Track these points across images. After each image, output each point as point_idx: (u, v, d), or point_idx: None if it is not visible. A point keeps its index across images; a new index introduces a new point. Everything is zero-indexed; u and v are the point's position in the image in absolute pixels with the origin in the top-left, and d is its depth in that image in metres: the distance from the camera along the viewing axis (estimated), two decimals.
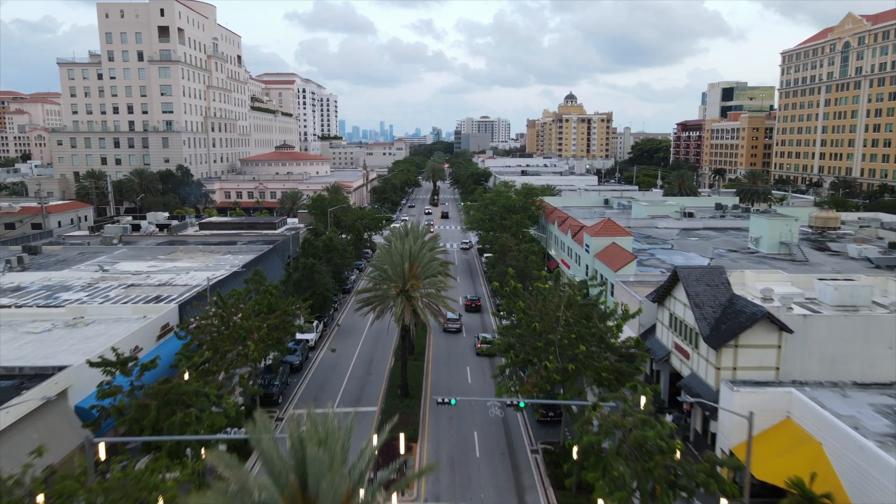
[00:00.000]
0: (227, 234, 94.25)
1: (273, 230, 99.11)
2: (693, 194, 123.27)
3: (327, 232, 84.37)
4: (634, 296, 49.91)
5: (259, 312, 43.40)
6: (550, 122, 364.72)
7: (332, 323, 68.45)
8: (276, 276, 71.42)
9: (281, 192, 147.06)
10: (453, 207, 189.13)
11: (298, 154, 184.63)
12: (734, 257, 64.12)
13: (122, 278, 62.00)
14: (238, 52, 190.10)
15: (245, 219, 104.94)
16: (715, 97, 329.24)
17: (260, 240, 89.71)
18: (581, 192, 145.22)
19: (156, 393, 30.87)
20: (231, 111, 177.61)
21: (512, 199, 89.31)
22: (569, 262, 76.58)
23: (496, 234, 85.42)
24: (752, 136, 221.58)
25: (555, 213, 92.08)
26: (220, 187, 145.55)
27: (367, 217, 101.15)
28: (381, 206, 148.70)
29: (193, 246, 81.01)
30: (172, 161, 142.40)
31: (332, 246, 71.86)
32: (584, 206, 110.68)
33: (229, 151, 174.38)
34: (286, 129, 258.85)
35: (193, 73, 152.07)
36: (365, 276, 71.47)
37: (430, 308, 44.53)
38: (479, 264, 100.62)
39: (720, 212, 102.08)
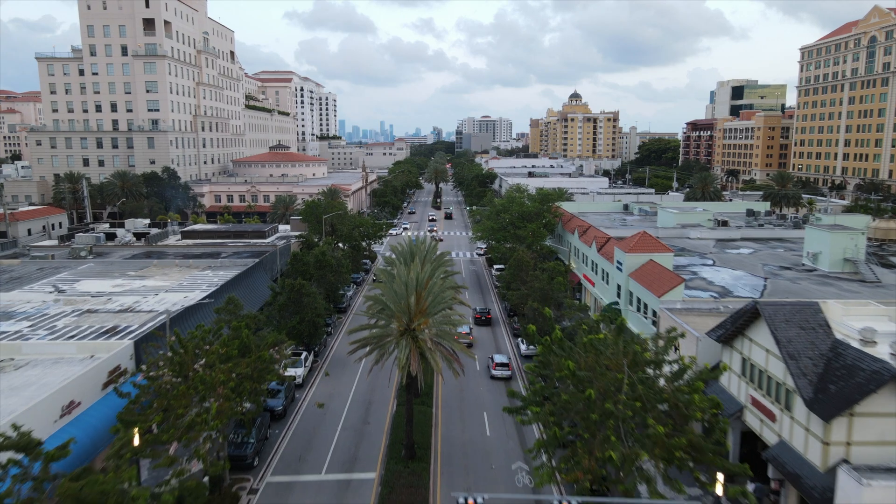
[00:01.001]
0: (210, 245, 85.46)
1: (262, 239, 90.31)
2: (717, 198, 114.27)
3: (320, 243, 75.45)
4: (689, 329, 41.00)
5: (228, 358, 34.50)
6: (555, 121, 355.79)
7: (325, 350, 59.51)
8: (262, 297, 62.55)
9: (274, 195, 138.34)
10: (457, 209, 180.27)
11: (294, 155, 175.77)
12: (791, 276, 55.17)
13: (78, 302, 53.12)
14: (231, 48, 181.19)
15: (232, 226, 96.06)
16: (724, 96, 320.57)
17: (247, 251, 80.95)
18: (594, 195, 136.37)
19: (64, 495, 21.95)
20: (223, 109, 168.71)
21: (526, 207, 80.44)
22: (593, 278, 67.65)
23: (510, 245, 76.52)
24: (767, 135, 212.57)
25: (573, 222, 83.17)
26: (209, 190, 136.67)
27: (365, 225, 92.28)
28: (380, 210, 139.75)
29: (170, 260, 72.06)
30: (159, 162, 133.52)
31: (325, 262, 62.93)
32: (602, 212, 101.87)
33: (221, 152, 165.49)
34: (283, 128, 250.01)
35: (182, 68, 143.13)
36: (361, 311, 62.54)
37: (441, 350, 35.56)
38: (489, 276, 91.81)
39: (752, 219, 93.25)
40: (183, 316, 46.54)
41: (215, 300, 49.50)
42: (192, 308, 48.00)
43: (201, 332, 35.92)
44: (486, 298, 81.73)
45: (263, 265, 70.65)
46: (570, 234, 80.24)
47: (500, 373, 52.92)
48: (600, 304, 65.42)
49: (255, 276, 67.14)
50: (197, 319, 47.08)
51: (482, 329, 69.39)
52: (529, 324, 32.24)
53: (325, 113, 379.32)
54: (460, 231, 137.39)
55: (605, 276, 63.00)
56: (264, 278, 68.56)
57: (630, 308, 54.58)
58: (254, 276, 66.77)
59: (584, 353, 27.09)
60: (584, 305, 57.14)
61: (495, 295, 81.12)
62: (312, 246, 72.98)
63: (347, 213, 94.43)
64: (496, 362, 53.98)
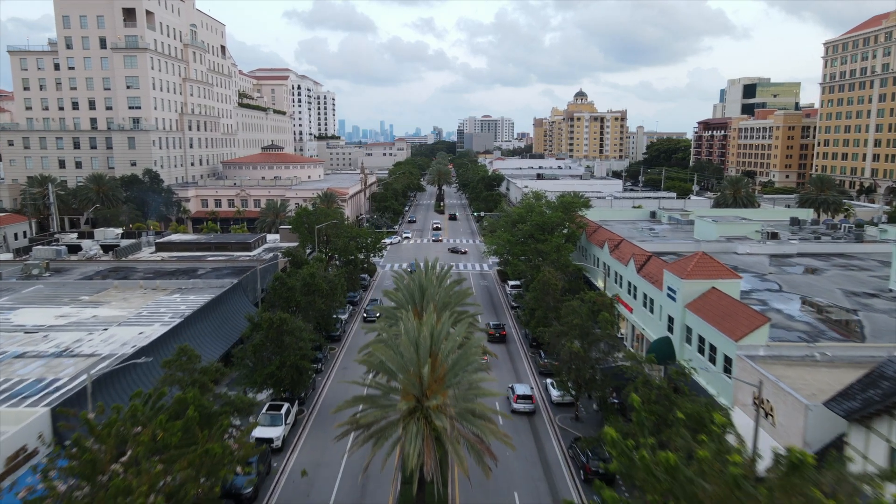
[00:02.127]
0: (187, 259, 75.36)
1: (247, 252, 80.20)
2: (750, 204, 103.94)
3: (311, 259, 65.18)
4: (790, 393, 30.78)
5: (166, 446, 24.32)
6: (560, 120, 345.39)
7: (314, 394, 49.21)
8: (239, 328, 52.29)
9: (266, 199, 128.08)
10: (461, 213, 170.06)
11: (288, 156, 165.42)
12: (886, 308, 44.87)
13: (6, 340, 42.89)
14: (222, 42, 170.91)
15: (214, 237, 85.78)
16: (735, 94, 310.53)
17: (228, 267, 70.85)
18: (612, 200, 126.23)
19: None
20: (213, 107, 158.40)
21: (548, 217, 70.17)
22: (631, 303, 57.39)
23: (531, 261, 66.23)
24: (786, 135, 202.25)
25: (600, 234, 72.94)
26: (195, 194, 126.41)
27: (363, 236, 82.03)
28: (380, 215, 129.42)
29: (135, 280, 61.71)
30: (140, 164, 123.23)
31: (315, 286, 52.66)
32: (627, 220, 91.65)
33: (211, 153, 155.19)
34: (279, 127, 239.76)
35: (166, 63, 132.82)
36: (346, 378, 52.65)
37: (466, 437, 25.29)
38: (503, 292, 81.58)
39: (797, 228, 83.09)
40: (115, 378, 36.20)
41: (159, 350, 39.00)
42: (140, 353, 37.54)
43: (132, 408, 25.71)
44: (499, 315, 71.66)
45: (243, 287, 60.39)
46: (598, 248, 69.98)
47: (522, 406, 46.00)
48: (639, 334, 55.25)
49: (232, 300, 56.92)
50: (137, 379, 36.77)
51: (496, 347, 60.88)
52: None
53: (323, 112, 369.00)
54: (467, 238, 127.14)
55: (648, 302, 52.73)
56: (243, 303, 58.29)
57: (687, 346, 44.35)
58: (231, 302, 56.55)
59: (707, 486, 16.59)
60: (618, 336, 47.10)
61: (511, 317, 70.92)
62: (301, 263, 62.69)
63: (344, 222, 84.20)
64: (518, 394, 46.74)
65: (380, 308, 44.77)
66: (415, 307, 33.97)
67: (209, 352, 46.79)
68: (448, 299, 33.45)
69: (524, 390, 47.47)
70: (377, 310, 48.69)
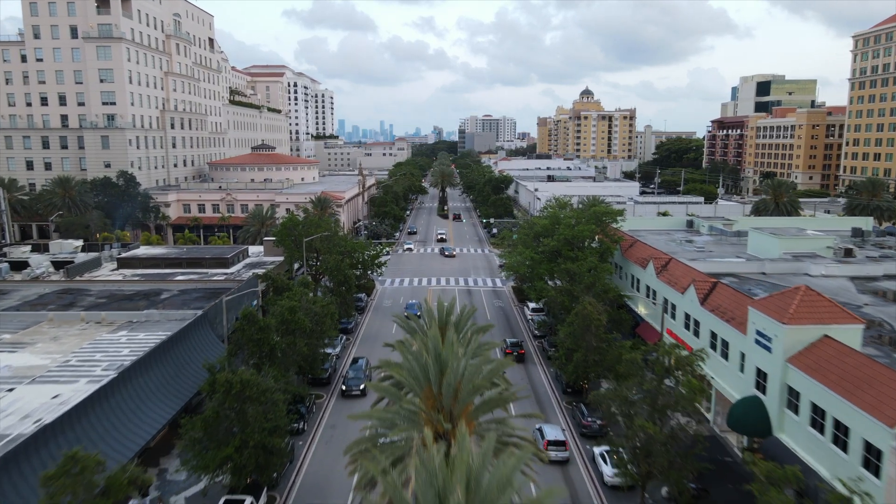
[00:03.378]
0: (152, 277, 64.08)
1: (224, 269, 68.97)
2: (795, 211, 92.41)
3: (295, 283, 53.81)
4: None
5: None
6: (566, 119, 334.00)
7: (290, 472, 37.77)
8: (197, 380, 40.87)
9: (254, 204, 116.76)
10: (466, 217, 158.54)
11: (280, 156, 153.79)
12: None
13: None
14: (210, 35, 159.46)
15: (186, 251, 74.39)
16: (748, 92, 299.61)
17: (199, 289, 59.65)
18: (633, 205, 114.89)
19: None
20: (199, 104, 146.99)
21: (578, 231, 58.71)
22: (690, 340, 46.03)
23: (559, 284, 54.82)
24: (810, 134, 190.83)
25: (638, 249, 61.60)
26: (176, 199, 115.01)
27: (360, 249, 70.71)
28: (379, 221, 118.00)
29: (76, 312, 50.27)
30: (115, 165, 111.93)
31: (296, 324, 41.31)
32: (660, 230, 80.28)
33: (197, 153, 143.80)
34: (274, 126, 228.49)
35: (145, 55, 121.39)
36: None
37: None
38: (521, 316, 70.23)
39: (860, 240, 71.82)
40: None
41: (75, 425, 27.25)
42: None
43: None
44: (516, 335, 60.57)
45: (209, 320, 48.96)
46: (637, 268, 58.58)
47: (555, 454, 38.93)
48: (708, 381, 43.86)
49: (193, 339, 45.53)
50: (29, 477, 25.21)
51: (514, 368, 53.84)
52: None
53: (321, 111, 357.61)
54: (474, 247, 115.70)
55: (719, 345, 41.32)
56: (208, 342, 46.86)
57: (790, 414, 32.98)
58: (191, 341, 45.16)
59: None
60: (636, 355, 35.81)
61: (536, 349, 59.57)
62: (282, 289, 51.29)
63: (337, 233, 72.79)
64: (549, 440, 39.38)
65: (378, 387, 28.30)
66: (429, 393, 22.67)
67: (151, 417, 35.46)
68: (481, 384, 22.12)
69: (555, 434, 39.92)
70: (373, 387, 29.68)
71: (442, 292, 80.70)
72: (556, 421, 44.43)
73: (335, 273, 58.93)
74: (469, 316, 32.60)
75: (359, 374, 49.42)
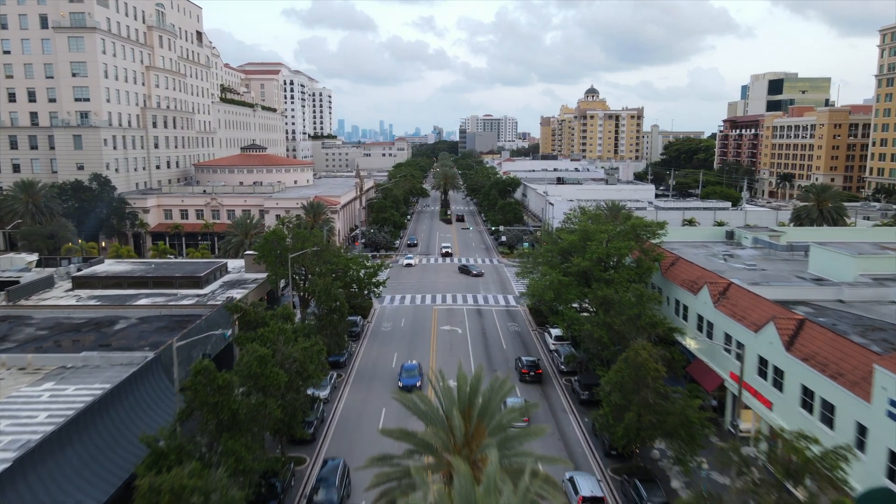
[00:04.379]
0: (111, 300, 54.68)
1: (198, 289, 59.44)
2: (841, 219, 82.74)
3: (277, 313, 44.17)
4: None
5: None
6: (571, 119, 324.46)
7: None
8: (137, 455, 31.23)
9: (242, 209, 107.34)
10: (469, 218, 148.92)
11: (271, 157, 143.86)
12: None
13: None
14: (198, 28, 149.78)
15: (153, 268, 64.70)
16: (760, 90, 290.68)
17: (163, 316, 50.28)
18: (656, 211, 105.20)
19: None
20: (186, 102, 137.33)
21: (613, 247, 49.12)
22: (770, 395, 36.46)
23: (590, 312, 45.22)
24: (832, 133, 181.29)
25: (682, 269, 52.04)
26: (156, 204, 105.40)
27: (354, 266, 61.16)
28: (378, 229, 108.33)
29: (5, 349, 40.63)
30: (89, 167, 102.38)
31: (269, 379, 31.78)
32: (696, 243, 70.79)
33: (183, 154, 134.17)
34: (269, 126, 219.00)
35: (123, 47, 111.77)
36: None
37: None
38: (540, 342, 60.67)
39: None
40: None
41: None
42: None
43: None
44: (543, 385, 50.85)
45: (163, 364, 39.30)
46: (684, 292, 48.98)
47: None
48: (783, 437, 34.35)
49: (139, 392, 35.91)
50: None
51: (530, 389, 49.35)
52: None
53: (318, 110, 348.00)
54: (482, 257, 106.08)
55: (818, 407, 31.74)
56: (161, 395, 37.21)
57: None
58: (137, 395, 35.53)
59: None
60: (734, 443, 26.44)
61: (562, 385, 50.05)
62: (257, 324, 41.68)
63: (328, 246, 63.17)
64: (584, 496, 32.40)
65: None
66: None
67: None
68: None
69: (591, 488, 33.17)
70: None
71: (449, 313, 71.10)
72: (591, 470, 35.26)
73: (325, 298, 49.29)
74: (503, 395, 22.95)
75: (331, 498, 32.50)
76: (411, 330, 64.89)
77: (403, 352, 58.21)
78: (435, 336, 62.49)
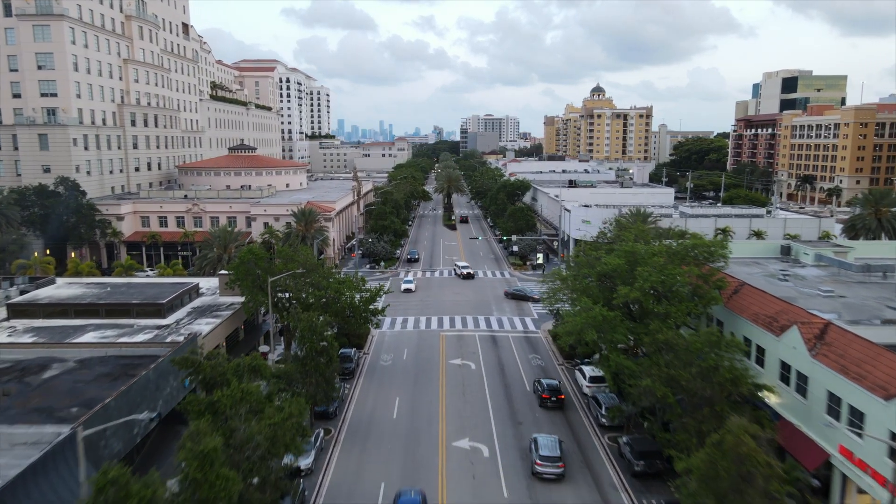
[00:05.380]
0: (52, 334, 44.85)
1: (158, 319, 49.65)
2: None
3: (243, 364, 34.17)
4: None
5: None
6: (577, 118, 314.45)
7: None
8: None
9: (227, 216, 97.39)
10: (477, 227, 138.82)
11: (261, 159, 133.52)
12: None
13: None
14: (184, 19, 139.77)
15: (108, 292, 54.54)
16: (773, 88, 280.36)
17: (111, 357, 40.47)
18: (684, 218, 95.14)
19: None
20: (170, 98, 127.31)
21: (669, 274, 39.05)
22: None
23: (644, 355, 35.15)
24: (858, 133, 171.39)
25: (750, 297, 41.97)
26: (132, 210, 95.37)
27: (348, 290, 51.19)
28: (377, 238, 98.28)
29: None
30: (56, 169, 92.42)
31: (216, 488, 21.71)
32: (746, 260, 60.69)
33: (167, 155, 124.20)
34: (263, 125, 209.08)
35: (97, 37, 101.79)
36: None
37: None
38: (572, 383, 50.69)
39: None
40: None
41: None
42: None
43: None
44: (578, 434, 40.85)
45: (94, 442, 29.18)
46: (758, 330, 38.95)
47: None
48: None
49: (45, 487, 25.81)
50: None
51: (552, 416, 44.19)
52: None
53: (316, 109, 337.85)
54: (491, 268, 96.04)
55: None
56: (67, 491, 27.10)
57: None
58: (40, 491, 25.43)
59: None
60: None
61: (605, 446, 40.06)
62: (213, 384, 31.69)
63: (319, 267, 53.08)
64: None
65: None
66: None
67: None
68: None
69: None
70: None
71: (458, 341, 61.07)
72: None
73: (309, 339, 39.25)
74: None
75: None
76: (415, 364, 54.90)
77: (406, 396, 48.23)
78: (444, 374, 52.49)
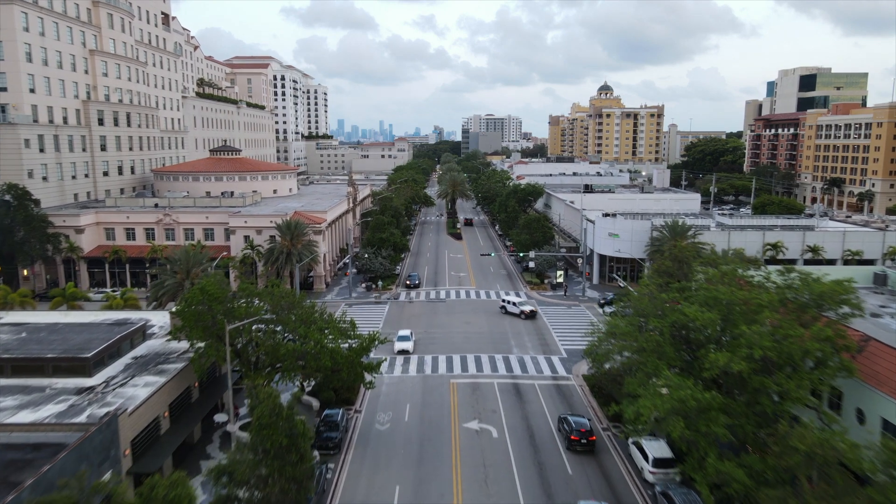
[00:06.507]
0: None
1: (82, 378, 37.62)
2: None
3: None
4: None
5: None
6: (584, 117, 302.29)
7: None
8: None
9: (203, 228, 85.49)
10: (483, 235, 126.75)
11: (247, 162, 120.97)
12: None
13: None
14: (163, 9, 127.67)
15: (24, 337, 42.36)
16: (789, 87, 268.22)
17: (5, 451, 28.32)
18: (727, 231, 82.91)
19: None
20: (147, 95, 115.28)
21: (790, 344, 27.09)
22: None
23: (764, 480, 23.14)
24: (892, 133, 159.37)
25: (887, 359, 29.95)
26: (94, 221, 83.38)
27: (334, 337, 39.20)
28: (374, 253, 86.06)
29: None
30: (4, 174, 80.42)
31: None
32: None
33: (142, 157, 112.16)
34: (255, 125, 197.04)
35: (57, 25, 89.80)
36: None
37: None
38: (622, 456, 38.67)
39: None
40: None
41: None
42: None
43: None
44: None
45: None
46: None
47: None
48: None
49: None
50: None
51: (585, 462, 37.58)
52: None
53: (313, 108, 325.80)
54: (504, 287, 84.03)
55: None
56: None
57: None
58: None
59: None
60: None
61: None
62: None
63: (294, 305, 40.99)
64: None
65: None
66: None
67: None
68: None
69: None
70: None
71: (473, 392, 48.99)
72: None
73: (268, 434, 27.12)
74: None
75: None
76: (420, 430, 42.79)
77: (409, 482, 36.18)
78: (457, 445, 40.39)
